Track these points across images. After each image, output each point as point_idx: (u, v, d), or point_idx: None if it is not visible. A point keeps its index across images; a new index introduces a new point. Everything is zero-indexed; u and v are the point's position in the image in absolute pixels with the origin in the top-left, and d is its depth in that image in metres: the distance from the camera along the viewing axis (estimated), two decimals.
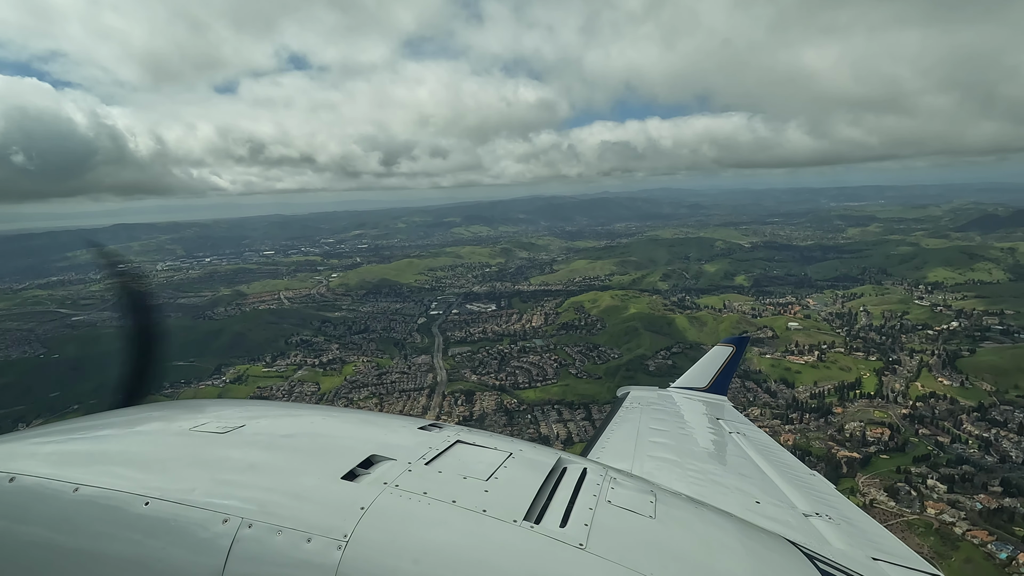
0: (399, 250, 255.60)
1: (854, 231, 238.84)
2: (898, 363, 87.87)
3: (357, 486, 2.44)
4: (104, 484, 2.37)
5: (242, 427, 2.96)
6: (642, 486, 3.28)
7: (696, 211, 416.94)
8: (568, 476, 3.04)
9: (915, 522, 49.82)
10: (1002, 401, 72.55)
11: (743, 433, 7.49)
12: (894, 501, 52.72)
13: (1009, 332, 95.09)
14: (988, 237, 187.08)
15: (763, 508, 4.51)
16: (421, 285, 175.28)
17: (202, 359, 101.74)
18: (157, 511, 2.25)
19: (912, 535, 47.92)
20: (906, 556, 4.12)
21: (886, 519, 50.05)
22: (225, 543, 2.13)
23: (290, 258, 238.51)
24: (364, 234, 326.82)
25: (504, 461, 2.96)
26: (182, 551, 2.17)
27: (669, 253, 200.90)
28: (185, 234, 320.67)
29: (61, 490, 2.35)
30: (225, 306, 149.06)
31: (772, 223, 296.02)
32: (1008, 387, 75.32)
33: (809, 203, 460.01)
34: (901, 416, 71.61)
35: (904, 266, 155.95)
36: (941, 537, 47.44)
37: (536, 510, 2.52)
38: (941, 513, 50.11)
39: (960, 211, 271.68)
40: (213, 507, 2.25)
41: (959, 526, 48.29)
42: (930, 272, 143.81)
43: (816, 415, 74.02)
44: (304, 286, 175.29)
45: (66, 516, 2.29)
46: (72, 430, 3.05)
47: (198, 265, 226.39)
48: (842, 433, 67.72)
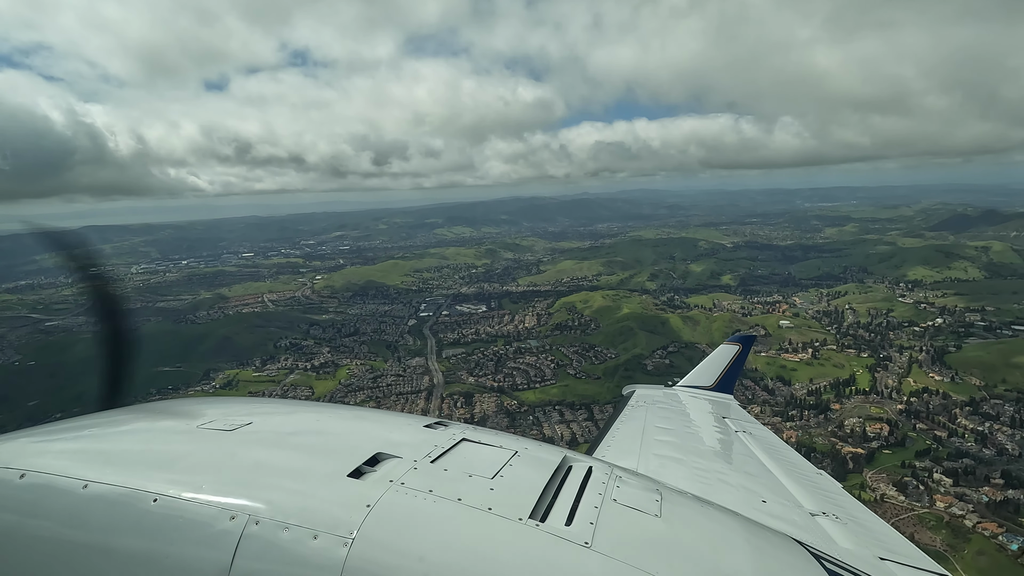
0: (382, 251, 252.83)
1: (831, 231, 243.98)
2: (889, 360, 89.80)
3: (363, 484, 2.45)
4: (113, 481, 2.39)
5: (249, 424, 2.97)
6: (648, 485, 3.23)
7: (675, 212, 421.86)
8: (574, 474, 3.01)
9: (925, 516, 50.73)
10: (992, 395, 74.59)
11: (749, 432, 7.45)
12: (904, 495, 53.61)
13: (991, 328, 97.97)
14: (961, 236, 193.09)
15: (769, 507, 4.53)
16: (408, 287, 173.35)
17: (189, 364, 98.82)
18: (165, 508, 2.27)
19: (924, 529, 48.81)
20: (913, 556, 4.13)
21: (897, 514, 50.97)
22: (232, 540, 2.14)
23: (270, 260, 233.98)
24: (345, 235, 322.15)
25: (510, 459, 2.94)
26: (190, 547, 2.18)
27: (654, 253, 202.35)
28: (159, 236, 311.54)
29: (71, 487, 2.37)
30: (207, 309, 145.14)
31: (751, 223, 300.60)
32: (996, 381, 77.52)
33: (784, 203, 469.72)
34: (897, 411, 73.08)
35: (884, 265, 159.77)
36: (952, 530, 48.37)
37: (542, 508, 2.53)
38: (950, 506, 51.12)
39: (930, 211, 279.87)
40: (220, 504, 2.27)
41: (968, 519, 49.32)
42: (909, 271, 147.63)
43: (815, 412, 75.09)
44: (288, 288, 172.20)
45: (76, 512, 2.32)
46: (81, 427, 3.02)
47: (175, 268, 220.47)
48: (842, 429, 68.78)
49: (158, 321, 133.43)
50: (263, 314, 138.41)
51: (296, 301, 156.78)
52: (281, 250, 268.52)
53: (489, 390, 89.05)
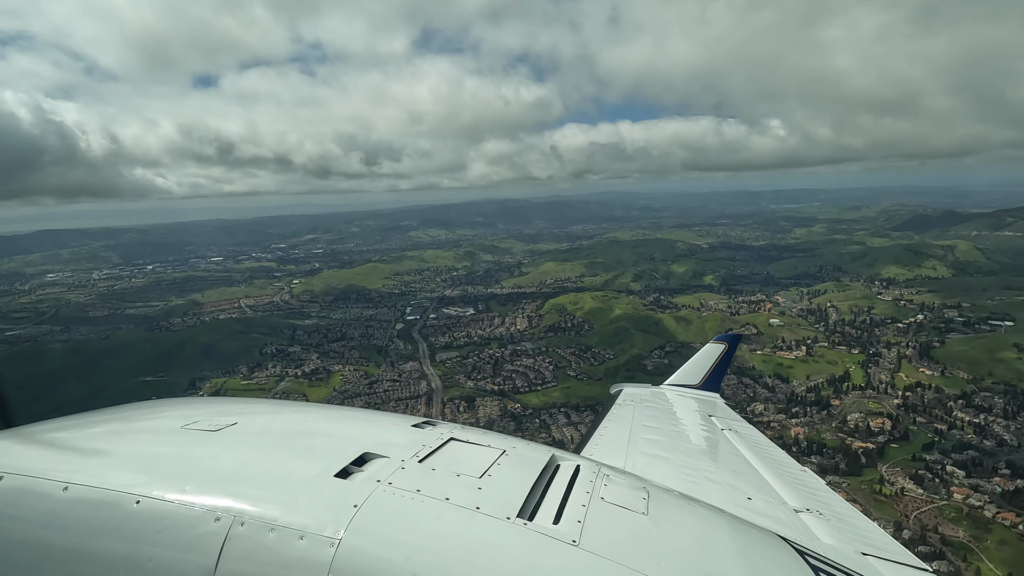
0: (358, 254, 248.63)
1: (801, 231, 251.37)
2: (879, 356, 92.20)
3: (350, 484, 2.45)
4: (94, 482, 2.35)
5: (234, 425, 2.95)
6: (635, 483, 3.26)
7: (647, 213, 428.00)
8: (561, 473, 3.05)
9: (945, 508, 51.80)
10: (981, 388, 77.21)
11: (735, 430, 7.52)
12: (921, 488, 54.69)
13: (970, 324, 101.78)
14: (924, 236, 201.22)
15: (754, 504, 4.58)
16: (390, 290, 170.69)
17: (172, 373, 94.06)
18: (148, 509, 2.25)
19: (945, 521, 49.81)
20: (895, 551, 4.20)
21: (919, 507, 52.00)
22: (217, 541, 2.13)
23: (242, 264, 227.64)
24: (318, 238, 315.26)
25: (497, 458, 2.96)
26: (174, 550, 2.16)
27: (634, 254, 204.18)
28: (121, 240, 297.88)
29: (51, 489, 2.33)
30: (182, 316, 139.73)
31: (722, 224, 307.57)
32: (982, 375, 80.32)
33: (751, 205, 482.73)
34: (895, 406, 74.89)
35: (857, 264, 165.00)
36: (973, 521, 49.50)
37: (529, 507, 2.55)
38: (967, 498, 52.38)
39: (891, 212, 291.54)
40: (205, 505, 2.25)
41: (987, 510, 50.54)
42: (883, 269, 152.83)
43: (817, 408, 76.28)
44: (264, 293, 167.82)
45: (56, 515, 2.28)
46: (61, 428, 2.97)
47: (140, 273, 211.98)
48: (846, 425, 69.98)
49: (130, 329, 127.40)
50: (243, 320, 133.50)
51: (275, 306, 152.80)
52: (252, 254, 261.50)
53: (490, 394, 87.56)
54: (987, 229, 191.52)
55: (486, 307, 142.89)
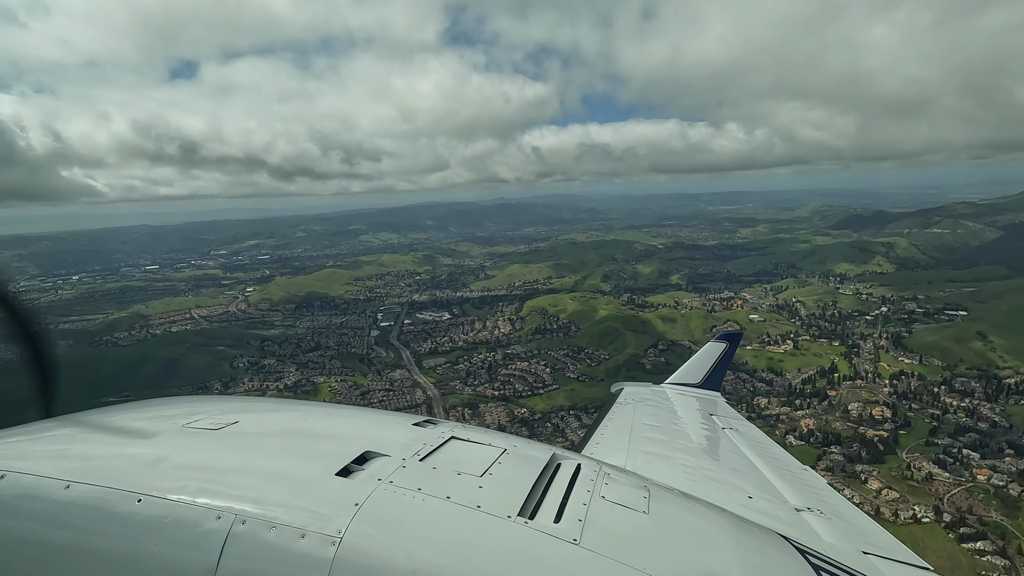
0: (309, 260, 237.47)
1: (746, 231, 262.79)
2: (856, 347, 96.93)
3: (351, 482, 2.45)
4: (96, 481, 2.34)
5: (235, 423, 2.95)
6: (636, 482, 3.27)
7: (595, 215, 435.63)
8: (562, 472, 3.05)
9: (973, 489, 54.38)
10: (956, 374, 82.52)
11: (736, 428, 7.57)
12: (946, 472, 57.18)
13: (929, 314, 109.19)
14: (862, 234, 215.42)
15: (755, 503, 4.59)
16: (355, 296, 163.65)
17: (138, 391, 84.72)
18: (150, 508, 2.23)
19: (976, 501, 52.16)
20: (896, 550, 4.21)
21: (949, 489, 54.17)
22: (218, 540, 2.12)
23: (183, 272, 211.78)
24: (261, 244, 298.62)
25: (498, 457, 2.97)
26: (175, 548, 2.15)
27: (596, 255, 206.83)
28: (36, 249, 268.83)
29: (52, 487, 2.32)
30: (127, 329, 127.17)
31: (668, 225, 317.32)
32: (954, 361, 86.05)
33: (690, 207, 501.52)
34: (887, 394, 78.64)
35: (808, 261, 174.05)
36: (1002, 500, 52.18)
37: (530, 506, 2.56)
38: (990, 478, 55.21)
39: (823, 213, 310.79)
40: (206, 504, 2.24)
41: (1011, 488, 53.39)
42: (834, 266, 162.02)
43: (817, 400, 78.85)
44: (217, 303, 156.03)
45: (57, 513, 2.26)
46: (63, 426, 2.93)
47: (66, 284, 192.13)
48: (850, 415, 72.63)
49: (70, 345, 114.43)
50: (201, 332, 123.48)
51: (232, 316, 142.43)
52: (191, 261, 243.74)
53: (491, 399, 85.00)
54: (917, 227, 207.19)
55: (461, 311, 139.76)
